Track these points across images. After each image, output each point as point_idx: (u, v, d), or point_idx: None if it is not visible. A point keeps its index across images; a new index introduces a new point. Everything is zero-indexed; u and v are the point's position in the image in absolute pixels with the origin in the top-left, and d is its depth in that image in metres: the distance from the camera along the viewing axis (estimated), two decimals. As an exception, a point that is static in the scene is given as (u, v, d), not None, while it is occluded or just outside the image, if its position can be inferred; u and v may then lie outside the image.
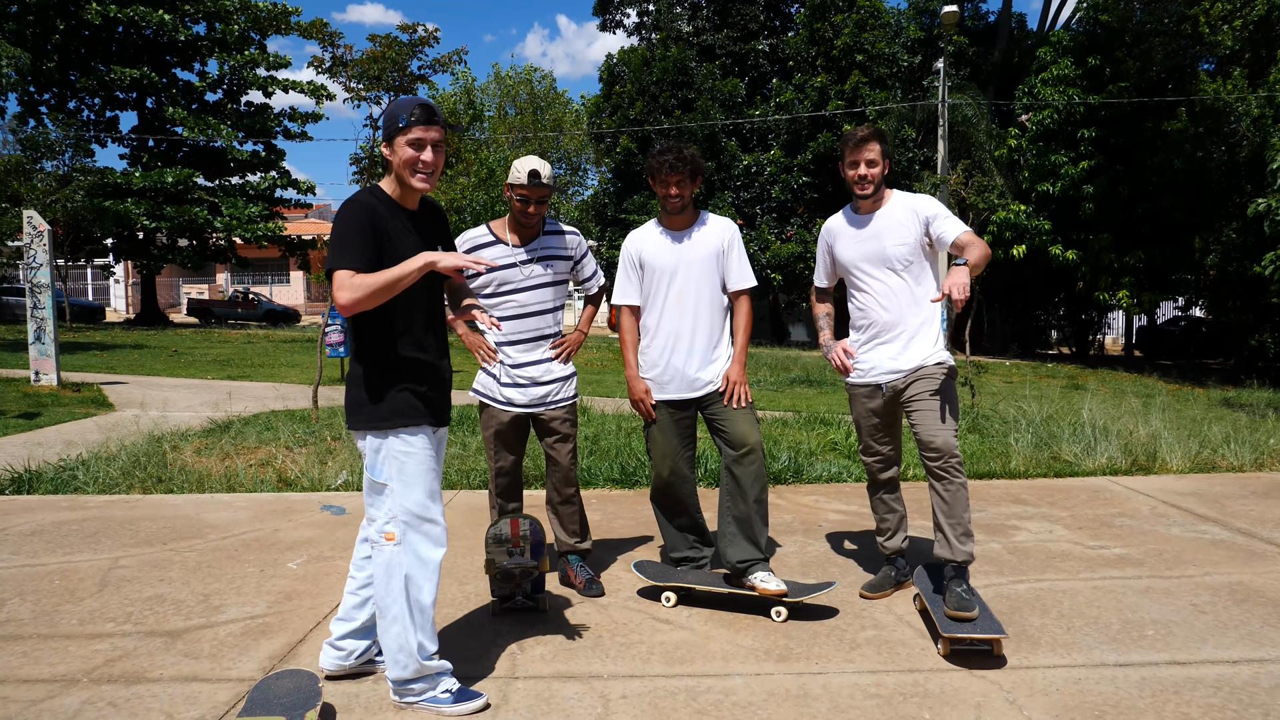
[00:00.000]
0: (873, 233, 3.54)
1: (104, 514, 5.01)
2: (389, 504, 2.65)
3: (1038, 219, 19.66)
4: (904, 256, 3.48)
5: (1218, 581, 3.83)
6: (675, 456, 3.66)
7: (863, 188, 3.52)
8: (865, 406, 3.64)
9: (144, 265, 28.67)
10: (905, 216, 3.51)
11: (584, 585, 3.74)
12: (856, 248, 3.58)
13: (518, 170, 3.52)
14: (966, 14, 23.99)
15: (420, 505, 2.66)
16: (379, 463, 2.66)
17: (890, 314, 3.51)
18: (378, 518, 2.68)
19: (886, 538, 3.79)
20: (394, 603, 2.64)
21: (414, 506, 2.65)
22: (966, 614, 3.03)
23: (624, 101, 24.72)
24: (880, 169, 3.50)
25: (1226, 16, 17.39)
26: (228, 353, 17.02)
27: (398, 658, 2.65)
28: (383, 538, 2.66)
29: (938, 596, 3.28)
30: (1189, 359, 24.85)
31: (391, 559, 2.64)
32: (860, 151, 3.49)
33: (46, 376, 10.25)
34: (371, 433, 2.66)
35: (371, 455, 2.67)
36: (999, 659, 2.97)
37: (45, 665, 2.97)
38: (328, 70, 8.07)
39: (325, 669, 2.88)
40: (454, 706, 2.65)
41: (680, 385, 3.62)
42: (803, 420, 8.16)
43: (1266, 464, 6.53)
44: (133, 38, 27.73)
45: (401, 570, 2.64)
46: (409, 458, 2.65)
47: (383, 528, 2.66)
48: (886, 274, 3.52)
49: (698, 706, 2.68)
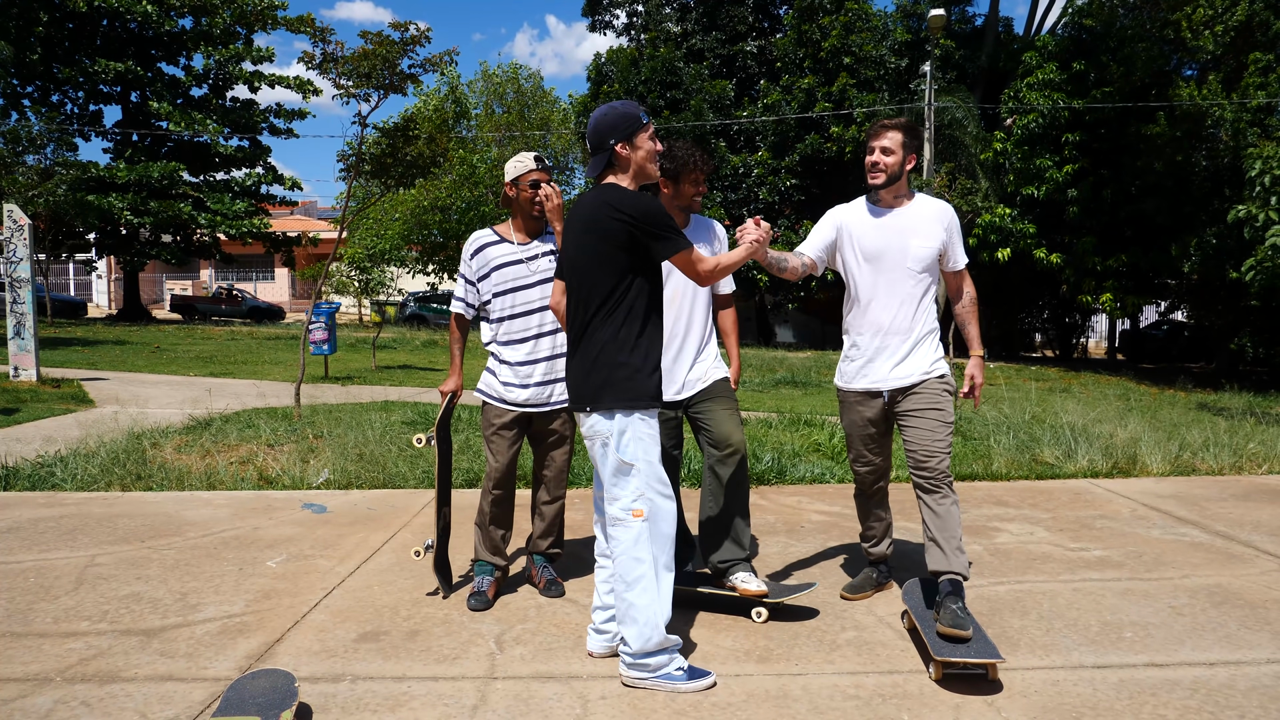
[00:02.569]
0: (898, 228, 3.37)
1: (82, 511, 4.96)
2: (636, 482, 2.81)
3: (1022, 222, 19.78)
4: (926, 258, 3.33)
5: (1196, 584, 3.85)
6: (665, 454, 3.63)
7: (874, 175, 3.36)
8: (860, 414, 3.50)
9: (127, 261, 28.41)
10: (932, 220, 3.37)
11: (544, 585, 3.73)
12: (879, 238, 3.38)
13: (520, 160, 3.52)
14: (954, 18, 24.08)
15: (662, 480, 2.86)
16: (626, 443, 2.81)
17: (899, 318, 3.35)
18: (622, 496, 2.83)
19: (872, 544, 3.75)
20: (644, 574, 2.79)
21: (656, 482, 2.84)
22: (961, 632, 2.87)
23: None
24: (897, 159, 3.32)
25: (1208, 22, 17.53)
26: (210, 349, 16.90)
27: (644, 630, 2.76)
28: (630, 515, 2.81)
29: (929, 613, 3.13)
30: (1171, 362, 25.05)
31: (640, 533, 2.80)
32: (878, 137, 3.35)
33: (26, 372, 10.15)
34: (620, 412, 2.80)
35: (617, 436, 2.81)
36: (993, 683, 2.84)
37: (18, 664, 2.93)
38: (318, 66, 8.00)
39: (594, 652, 3.03)
40: (689, 684, 2.76)
41: (671, 387, 3.55)
42: (787, 421, 8.17)
43: (1245, 467, 6.58)
44: (117, 31, 27.48)
45: (649, 543, 2.81)
46: (651, 437, 2.85)
47: (630, 505, 2.81)
48: (902, 273, 3.35)
49: (676, 707, 2.67)
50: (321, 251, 32.38)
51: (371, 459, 6.16)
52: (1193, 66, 19.63)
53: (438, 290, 30.56)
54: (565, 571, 3.97)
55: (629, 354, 2.81)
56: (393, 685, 2.80)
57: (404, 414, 8.11)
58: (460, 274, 3.69)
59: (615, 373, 2.79)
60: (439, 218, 25.39)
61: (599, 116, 2.91)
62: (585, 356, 2.85)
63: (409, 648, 3.11)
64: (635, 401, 2.80)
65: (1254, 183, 12.48)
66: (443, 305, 29.80)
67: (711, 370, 3.64)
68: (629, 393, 2.79)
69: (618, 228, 2.76)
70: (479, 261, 3.61)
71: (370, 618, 3.40)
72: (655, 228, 2.77)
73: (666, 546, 2.86)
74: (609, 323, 2.82)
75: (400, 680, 2.84)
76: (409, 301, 30.29)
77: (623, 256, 2.79)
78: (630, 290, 2.82)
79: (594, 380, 2.82)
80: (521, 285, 3.58)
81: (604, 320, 2.82)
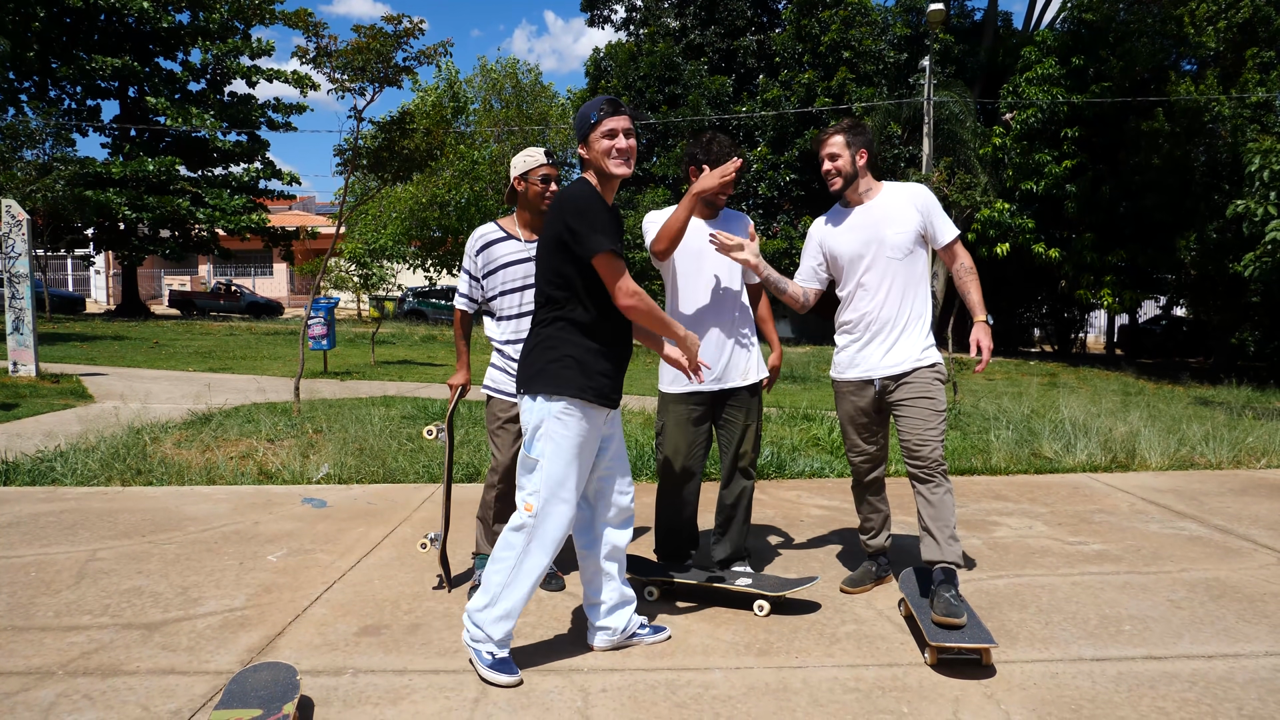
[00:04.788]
0: (870, 221, 3.45)
1: (82, 506, 4.96)
2: (537, 479, 2.83)
3: (1021, 217, 19.77)
4: (905, 244, 3.41)
5: (1194, 577, 3.87)
6: (689, 453, 3.63)
7: (831, 183, 3.49)
8: (854, 404, 3.55)
9: (125, 256, 28.38)
10: (903, 205, 3.45)
11: (544, 579, 3.73)
12: (856, 237, 3.47)
13: (530, 155, 3.52)
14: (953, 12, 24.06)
15: (564, 486, 2.86)
16: (538, 438, 2.83)
17: (887, 307, 3.42)
18: (525, 485, 2.89)
19: (870, 536, 3.76)
20: (507, 560, 2.84)
21: (558, 487, 2.84)
22: (955, 620, 2.92)
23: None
24: (845, 160, 3.44)
25: (1211, 18, 17.51)
26: (209, 345, 16.89)
27: (490, 600, 2.82)
28: (522, 506, 2.86)
29: (924, 601, 3.18)
30: (1169, 357, 25.07)
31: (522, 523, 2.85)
32: (822, 147, 3.50)
33: (25, 367, 10.14)
34: (544, 398, 2.82)
35: (531, 431, 2.85)
36: (987, 668, 2.89)
37: (20, 658, 2.93)
38: (312, 61, 7.99)
39: (598, 647, 3.06)
40: (488, 670, 2.79)
41: (709, 376, 3.59)
42: (786, 415, 8.18)
43: (1244, 461, 6.60)
44: (115, 26, 27.41)
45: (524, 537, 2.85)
46: (567, 441, 2.85)
47: (526, 497, 2.86)
48: (886, 263, 3.42)
49: (677, 700, 2.68)
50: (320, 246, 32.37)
51: (371, 453, 6.17)
52: (1193, 62, 19.61)
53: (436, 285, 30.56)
54: (565, 565, 3.98)
55: (570, 348, 2.82)
56: (394, 678, 2.81)
57: (403, 409, 8.11)
58: (464, 268, 3.67)
59: (551, 364, 2.81)
60: (437, 214, 25.36)
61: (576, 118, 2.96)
62: (528, 346, 2.90)
63: (410, 641, 3.12)
64: (561, 390, 2.78)
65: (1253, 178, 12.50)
66: (441, 301, 29.80)
67: (752, 369, 3.68)
68: (556, 383, 2.79)
69: (561, 226, 2.80)
70: (484, 258, 3.60)
71: (371, 611, 3.40)
72: (577, 224, 2.76)
73: (546, 550, 2.83)
74: (558, 317, 2.85)
75: (401, 673, 2.85)
76: (408, 297, 30.29)
77: (571, 253, 2.80)
78: (578, 287, 2.82)
79: (529, 368, 2.85)
80: (526, 284, 3.58)
81: (553, 314, 2.86)
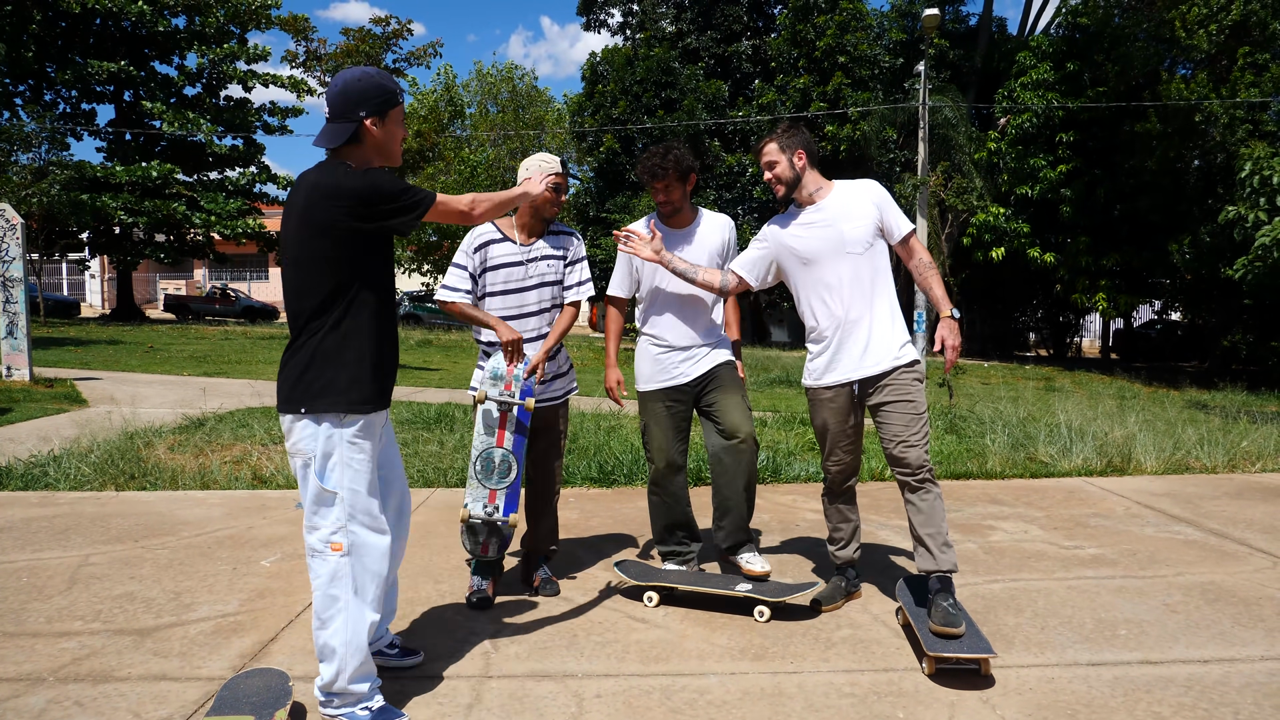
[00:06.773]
0: (826, 219, 3.39)
1: (75, 510, 4.94)
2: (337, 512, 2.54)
3: (1016, 221, 19.84)
4: (864, 239, 3.34)
5: (1190, 581, 3.86)
6: (671, 448, 3.73)
7: (777, 190, 3.47)
8: (831, 410, 3.44)
9: (120, 260, 28.35)
10: (857, 199, 3.40)
11: (539, 584, 3.72)
12: (812, 237, 3.39)
13: (548, 161, 3.51)
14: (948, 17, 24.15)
15: (370, 513, 2.60)
16: (331, 467, 2.54)
17: (855, 306, 3.34)
18: (321, 526, 2.55)
19: (839, 547, 3.62)
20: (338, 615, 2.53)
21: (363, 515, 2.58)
22: (953, 630, 2.88)
23: (606, 100, 24.69)
24: (784, 165, 3.40)
25: (1203, 20, 17.58)
26: (204, 349, 16.86)
27: (337, 668, 2.51)
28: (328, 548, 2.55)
29: (921, 610, 3.14)
30: (1164, 361, 25.13)
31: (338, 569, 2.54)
32: (760, 157, 3.51)
33: (19, 371, 10.11)
34: (329, 424, 2.53)
35: (321, 459, 2.53)
36: (986, 677, 2.86)
37: (10, 664, 2.91)
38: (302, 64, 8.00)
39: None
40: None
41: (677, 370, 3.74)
42: (781, 420, 8.17)
43: (1239, 465, 6.60)
44: (111, 30, 27.41)
45: (348, 581, 2.57)
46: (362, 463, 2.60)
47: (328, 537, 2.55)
48: (846, 260, 3.34)
49: (672, 705, 2.67)
50: (316, 251, 32.22)
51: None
52: (1186, 65, 19.69)
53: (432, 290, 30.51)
54: (560, 570, 3.97)
55: (347, 361, 2.50)
56: (387, 684, 2.79)
57: (399, 413, 8.10)
58: (456, 262, 3.61)
59: (328, 382, 2.48)
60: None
61: (351, 80, 2.54)
62: (297, 363, 2.52)
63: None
64: (350, 408, 2.49)
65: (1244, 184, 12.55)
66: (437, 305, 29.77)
67: (720, 355, 3.77)
68: (340, 404, 2.48)
69: (339, 215, 2.44)
70: (480, 257, 3.59)
71: (365, 617, 3.38)
72: (388, 201, 2.47)
73: (374, 581, 2.55)
74: (325, 327, 2.51)
75: (394, 679, 2.83)
76: (403, 301, 30.26)
77: (343, 251, 2.48)
78: (350, 289, 2.51)
79: (301, 388, 2.49)
80: (517, 288, 3.57)
81: (320, 323, 2.51)
